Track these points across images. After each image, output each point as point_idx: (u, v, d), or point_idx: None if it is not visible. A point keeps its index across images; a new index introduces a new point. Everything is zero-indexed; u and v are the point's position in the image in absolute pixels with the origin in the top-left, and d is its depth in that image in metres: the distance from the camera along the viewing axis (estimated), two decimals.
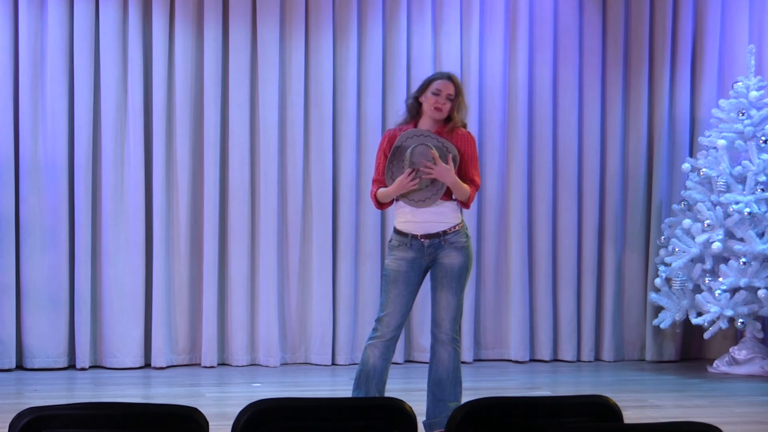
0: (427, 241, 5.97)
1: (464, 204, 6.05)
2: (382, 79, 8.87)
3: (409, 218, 6.00)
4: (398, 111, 7.35)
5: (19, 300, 8.43)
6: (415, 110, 6.09)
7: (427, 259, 6.00)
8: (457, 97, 6.04)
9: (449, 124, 6.05)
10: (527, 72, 9.06)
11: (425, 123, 6.05)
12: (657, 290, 8.81)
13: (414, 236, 5.98)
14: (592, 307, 9.18)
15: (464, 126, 6.10)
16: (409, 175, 5.92)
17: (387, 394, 6.02)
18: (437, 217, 5.99)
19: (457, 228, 6.01)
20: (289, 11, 8.77)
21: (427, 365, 6.13)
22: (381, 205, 6.13)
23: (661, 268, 8.77)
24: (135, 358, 8.57)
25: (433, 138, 5.96)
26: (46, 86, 8.42)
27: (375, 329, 6.04)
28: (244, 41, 8.70)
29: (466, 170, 6.04)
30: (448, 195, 6.01)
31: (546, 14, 9.06)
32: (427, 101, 6.02)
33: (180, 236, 8.65)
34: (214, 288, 8.66)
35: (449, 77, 6.07)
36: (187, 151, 8.63)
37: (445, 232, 5.98)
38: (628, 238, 9.22)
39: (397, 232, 6.04)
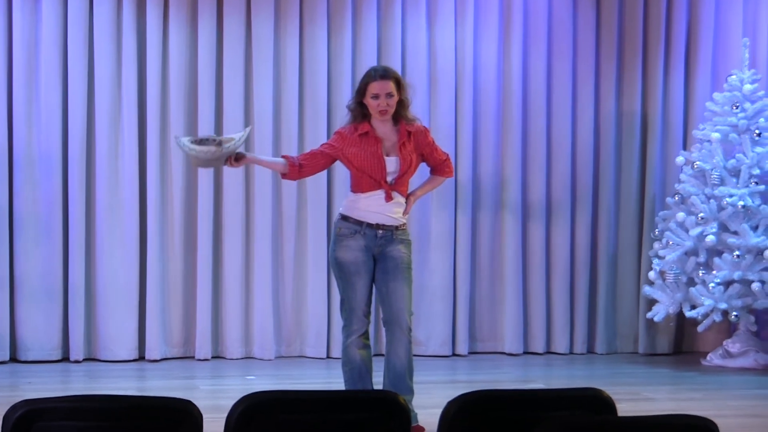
0: (381, 231, 5.96)
1: (449, 174, 6.27)
2: None
3: (364, 208, 5.95)
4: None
5: (13, 293, 8.42)
6: (361, 114, 5.97)
7: (377, 250, 5.98)
8: (399, 91, 5.94)
9: (405, 123, 5.98)
10: (521, 65, 9.06)
11: (378, 125, 5.97)
12: (651, 283, 8.82)
13: (369, 225, 5.95)
14: (585, 300, 9.19)
15: (414, 120, 6.04)
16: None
17: (380, 388, 6.01)
18: (393, 212, 5.99)
19: (405, 226, 6.08)
20: (284, 4, 8.76)
21: (409, 358, 5.98)
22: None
23: (655, 261, 8.78)
24: (129, 350, 8.57)
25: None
26: (41, 80, 8.41)
27: (348, 326, 5.96)
28: (238, 35, 8.69)
29: (436, 155, 6.14)
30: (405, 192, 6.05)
31: (540, 8, 9.06)
32: (370, 106, 5.94)
33: (174, 229, 8.64)
34: (209, 280, 8.66)
35: (383, 75, 5.94)
36: None
37: (396, 228, 6.01)
38: (621, 231, 9.23)
39: (349, 220, 5.97)
